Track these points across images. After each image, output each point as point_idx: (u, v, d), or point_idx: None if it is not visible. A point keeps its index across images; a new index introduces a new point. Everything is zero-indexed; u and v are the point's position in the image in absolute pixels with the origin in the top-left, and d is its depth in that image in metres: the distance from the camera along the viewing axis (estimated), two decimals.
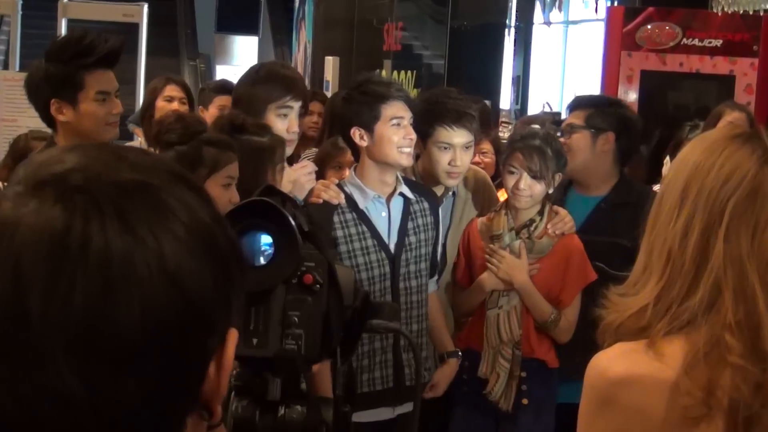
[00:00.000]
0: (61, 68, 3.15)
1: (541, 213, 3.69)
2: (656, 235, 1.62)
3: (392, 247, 3.47)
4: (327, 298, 1.45)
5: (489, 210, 3.88)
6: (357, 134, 3.39)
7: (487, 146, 5.14)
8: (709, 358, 1.52)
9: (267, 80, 3.58)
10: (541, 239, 3.67)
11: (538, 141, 3.64)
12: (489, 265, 3.67)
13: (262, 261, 1.39)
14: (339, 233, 3.41)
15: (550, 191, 3.68)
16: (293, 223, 1.39)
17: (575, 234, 3.71)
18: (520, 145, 3.66)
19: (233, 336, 0.95)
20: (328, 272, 1.45)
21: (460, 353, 3.70)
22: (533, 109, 10.92)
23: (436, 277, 3.72)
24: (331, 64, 9.51)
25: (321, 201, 3.41)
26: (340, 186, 3.49)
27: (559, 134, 3.98)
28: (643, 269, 1.64)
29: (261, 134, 3.19)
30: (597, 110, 3.95)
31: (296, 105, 3.57)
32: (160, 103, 5.06)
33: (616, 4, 8.72)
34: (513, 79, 11.36)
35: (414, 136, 3.45)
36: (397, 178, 3.50)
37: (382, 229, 3.47)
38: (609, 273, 3.62)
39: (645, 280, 1.62)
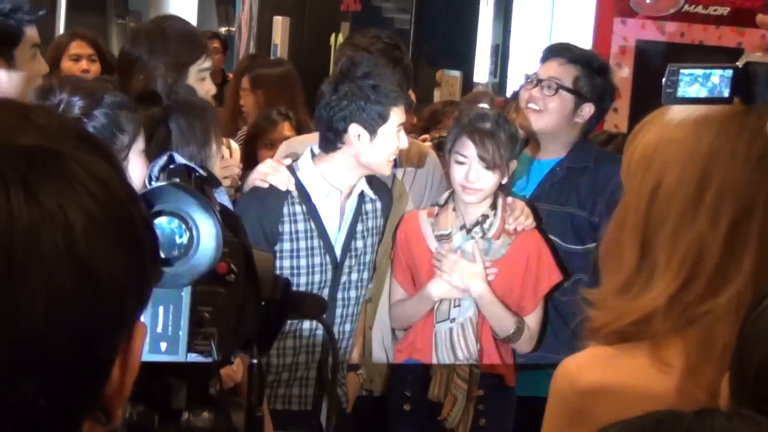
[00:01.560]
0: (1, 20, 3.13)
1: (494, 207, 3.65)
2: (669, 232, 1.59)
3: (338, 250, 3.47)
4: (243, 289, 1.45)
5: (434, 194, 3.86)
6: (355, 132, 3.38)
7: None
8: (722, 361, 1.51)
9: (182, 41, 3.57)
10: (497, 239, 3.63)
11: (490, 124, 3.59)
12: (438, 271, 3.63)
13: (175, 253, 1.38)
14: (286, 228, 3.39)
15: (504, 182, 3.64)
16: (212, 206, 1.37)
17: (536, 229, 3.70)
18: (470, 129, 3.61)
19: (141, 332, 0.95)
20: (245, 259, 1.45)
21: (360, 370, 3.70)
22: (514, 82, 10.94)
23: (371, 285, 3.73)
24: (279, 25, 9.48)
25: (267, 185, 3.39)
26: (291, 170, 3.46)
27: (530, 82, 3.92)
28: (638, 268, 1.61)
29: (194, 95, 3.18)
30: (587, 73, 3.92)
31: (210, 64, 3.61)
32: (66, 63, 5.02)
33: None
34: (491, 47, 11.35)
35: (406, 142, 3.48)
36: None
37: (331, 229, 3.47)
38: (563, 248, 3.66)
39: (645, 281, 1.60)
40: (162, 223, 1.35)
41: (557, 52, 4.04)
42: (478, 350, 3.62)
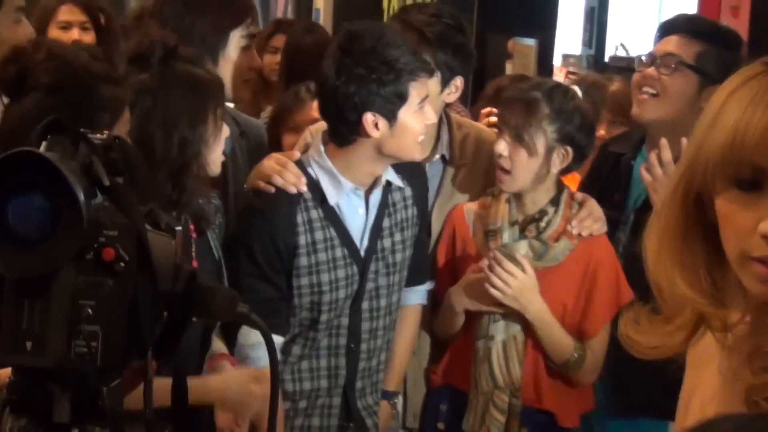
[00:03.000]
0: None
1: (555, 202, 3.61)
2: None
3: (362, 253, 3.46)
4: (135, 280, 1.45)
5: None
6: (371, 121, 3.33)
7: None
8: None
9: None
10: (556, 241, 3.58)
11: (537, 92, 3.56)
12: (490, 280, 3.53)
13: (34, 234, 1.39)
14: (302, 239, 3.37)
15: (554, 170, 3.58)
16: (72, 181, 1.37)
17: (605, 235, 3.62)
18: (509, 93, 3.63)
19: None
20: (138, 244, 1.45)
21: (396, 399, 3.67)
22: (611, 54, 10.86)
23: (426, 285, 3.71)
24: None
25: (273, 189, 3.38)
26: (300, 165, 3.44)
27: (645, 60, 3.79)
28: None
29: (199, 65, 3.19)
30: (713, 47, 3.80)
31: (255, 30, 3.71)
32: (54, 32, 5.04)
33: None
34: (586, 12, 11.30)
35: (433, 116, 3.45)
36: None
37: (355, 232, 3.45)
38: None
39: None
40: (23, 197, 1.36)
41: (676, 25, 3.90)
42: (521, 377, 3.56)
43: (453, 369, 3.68)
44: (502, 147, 3.53)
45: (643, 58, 3.87)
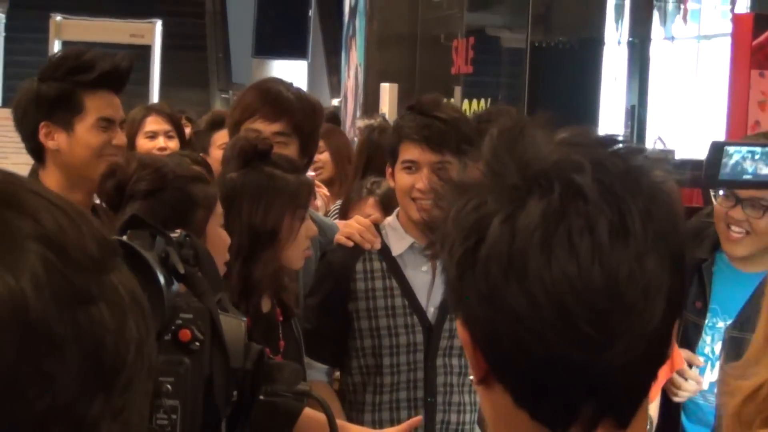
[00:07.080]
0: (54, 86, 3.26)
1: None
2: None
3: (431, 311, 3.49)
4: (210, 358, 1.48)
5: None
6: (389, 172, 3.51)
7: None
8: None
9: (242, 98, 3.67)
10: None
11: None
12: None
13: None
14: (360, 285, 3.46)
15: None
16: (156, 268, 1.41)
17: None
18: None
19: None
20: (211, 325, 1.48)
21: None
22: (650, 147, 10.85)
23: None
24: (387, 92, 9.59)
25: (351, 244, 3.48)
26: (377, 227, 3.55)
27: (726, 197, 3.60)
28: (765, 341, 1.59)
29: (289, 170, 3.25)
30: None
31: (268, 129, 3.57)
32: (141, 141, 5.11)
33: (748, 10, 8.66)
34: (626, 110, 11.32)
35: (420, 184, 3.50)
36: None
37: (419, 287, 3.49)
38: None
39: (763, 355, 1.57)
40: None
41: None
42: None
43: None
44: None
45: (721, 193, 3.74)
